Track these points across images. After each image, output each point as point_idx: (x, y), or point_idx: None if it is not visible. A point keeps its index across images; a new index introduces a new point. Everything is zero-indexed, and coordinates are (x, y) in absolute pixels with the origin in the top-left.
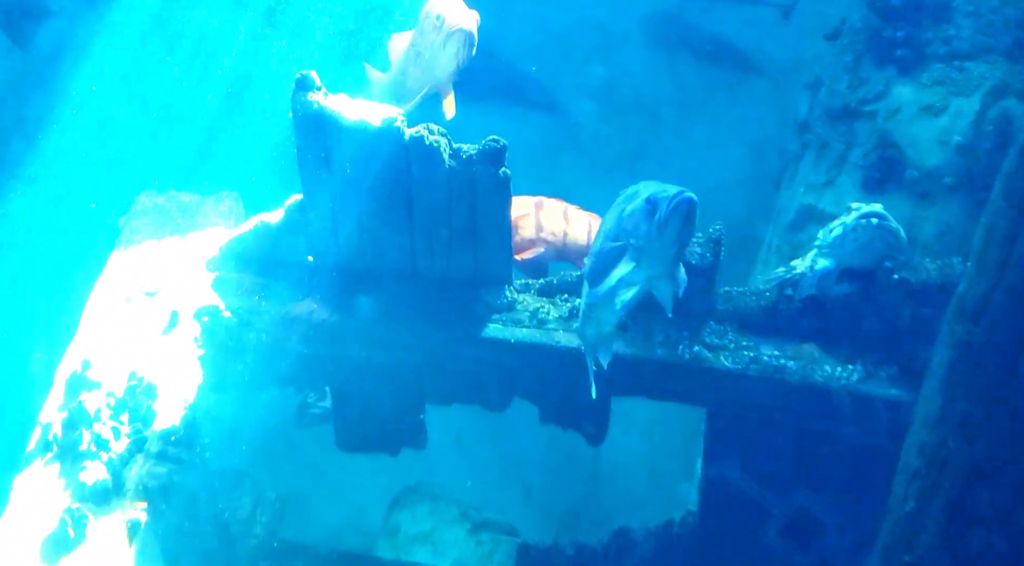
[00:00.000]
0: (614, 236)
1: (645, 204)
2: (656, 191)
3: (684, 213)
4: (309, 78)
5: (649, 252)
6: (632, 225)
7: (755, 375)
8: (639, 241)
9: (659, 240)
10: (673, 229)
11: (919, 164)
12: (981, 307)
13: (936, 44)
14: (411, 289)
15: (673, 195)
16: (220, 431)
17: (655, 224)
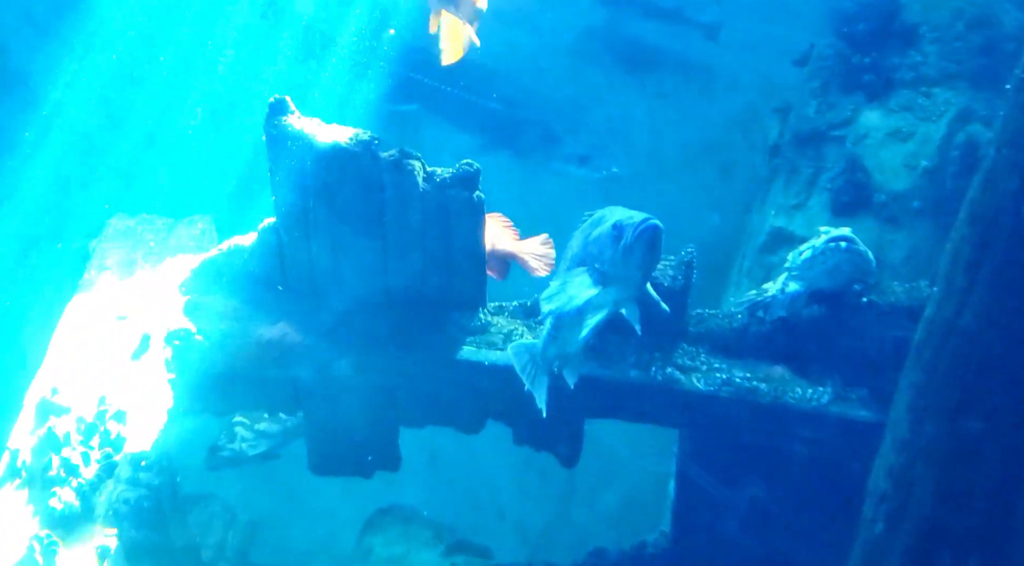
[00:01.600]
0: (580, 260)
1: (611, 230)
2: (622, 218)
3: (649, 240)
4: (283, 102)
5: (615, 277)
6: (598, 250)
7: (727, 397)
8: (605, 266)
9: (624, 265)
10: (638, 255)
11: (887, 188)
12: (948, 331)
13: (903, 70)
14: (385, 311)
15: (639, 222)
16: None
17: (620, 250)
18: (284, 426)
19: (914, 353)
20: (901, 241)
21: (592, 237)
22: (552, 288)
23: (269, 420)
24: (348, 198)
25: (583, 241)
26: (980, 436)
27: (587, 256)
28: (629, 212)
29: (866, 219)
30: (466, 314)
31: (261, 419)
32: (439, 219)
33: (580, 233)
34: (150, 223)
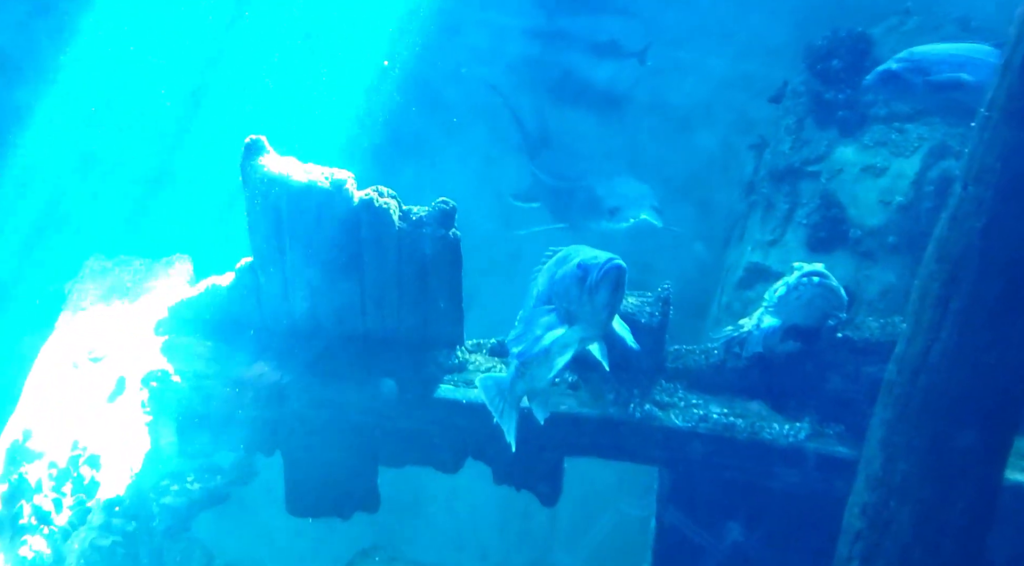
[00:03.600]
0: (546, 298)
1: (576, 270)
2: (587, 257)
3: (614, 279)
4: (259, 142)
5: (581, 315)
6: (563, 289)
7: (705, 433)
8: (571, 305)
9: (590, 304)
10: (603, 295)
11: (862, 223)
12: (918, 367)
13: (876, 106)
14: (362, 350)
15: (603, 262)
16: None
17: (586, 289)
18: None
19: (885, 390)
20: (877, 276)
21: (557, 276)
22: (518, 328)
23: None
24: (324, 237)
25: (548, 279)
26: (952, 473)
27: (553, 294)
28: (594, 251)
29: (842, 254)
30: (444, 352)
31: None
32: (416, 257)
33: (545, 271)
34: (127, 263)
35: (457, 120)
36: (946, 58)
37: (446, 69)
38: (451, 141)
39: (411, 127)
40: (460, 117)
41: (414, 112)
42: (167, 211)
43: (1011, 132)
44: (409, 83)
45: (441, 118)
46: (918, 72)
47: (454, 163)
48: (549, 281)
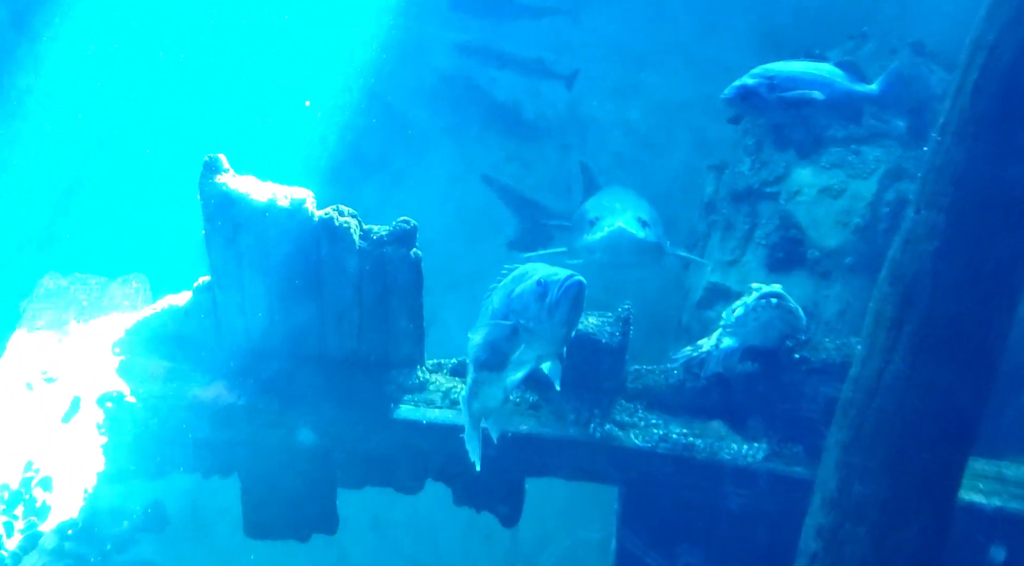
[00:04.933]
0: (503, 315)
1: (536, 286)
2: (546, 274)
3: (573, 296)
4: (217, 160)
5: (538, 333)
6: (522, 306)
7: (664, 453)
8: (529, 322)
9: (549, 321)
10: (563, 311)
11: (820, 244)
12: (872, 389)
13: (833, 128)
14: (321, 371)
15: (563, 279)
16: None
17: (545, 306)
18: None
19: (840, 411)
20: (835, 296)
21: (515, 293)
22: (473, 345)
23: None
24: (283, 256)
25: (504, 297)
26: (907, 495)
27: (509, 312)
28: (551, 269)
29: (800, 275)
30: (404, 372)
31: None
32: (376, 277)
33: (501, 289)
34: (83, 282)
35: (420, 138)
36: (796, 76)
37: (409, 87)
38: (414, 159)
39: (374, 145)
40: (423, 135)
41: (376, 130)
42: (124, 229)
43: (962, 156)
44: (371, 102)
45: (404, 136)
46: (772, 88)
47: (417, 181)
48: (506, 298)
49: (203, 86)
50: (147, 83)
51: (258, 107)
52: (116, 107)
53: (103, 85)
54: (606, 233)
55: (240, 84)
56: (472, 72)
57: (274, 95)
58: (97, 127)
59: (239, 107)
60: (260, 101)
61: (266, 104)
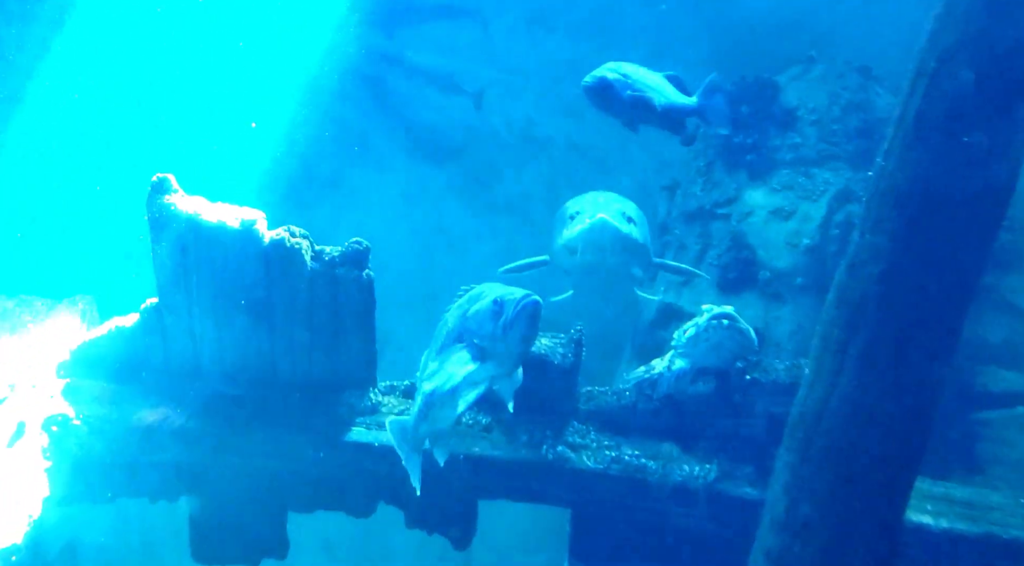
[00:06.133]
0: (457, 336)
1: (492, 305)
2: (502, 293)
3: (530, 315)
4: (165, 180)
5: (493, 352)
6: (477, 325)
7: (616, 474)
8: (484, 341)
9: (504, 340)
10: (519, 330)
11: (771, 265)
12: (819, 412)
13: (784, 151)
14: (271, 393)
15: (519, 298)
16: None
17: (501, 325)
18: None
19: (788, 434)
20: (786, 317)
21: (471, 313)
22: (431, 367)
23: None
24: (233, 278)
25: (459, 316)
26: (854, 517)
27: (464, 332)
28: (507, 288)
29: (752, 295)
30: (356, 394)
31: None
32: (328, 298)
33: (456, 309)
34: (28, 303)
35: (374, 156)
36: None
37: (364, 104)
38: (370, 178)
39: (329, 164)
40: (377, 152)
41: (330, 148)
42: (71, 250)
43: (906, 182)
44: (327, 119)
45: (360, 155)
46: (625, 86)
47: (372, 200)
48: (461, 318)
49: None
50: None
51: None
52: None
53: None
54: (587, 226)
55: (191, 102)
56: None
57: (226, 113)
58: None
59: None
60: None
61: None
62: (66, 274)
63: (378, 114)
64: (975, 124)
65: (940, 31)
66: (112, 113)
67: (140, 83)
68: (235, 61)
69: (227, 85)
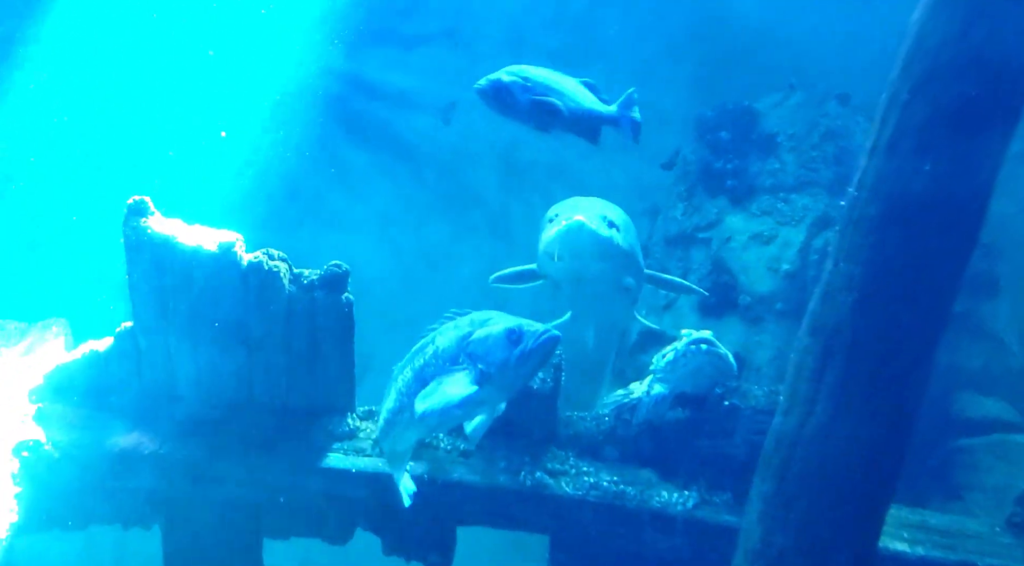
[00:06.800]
0: (453, 358)
1: (507, 332)
2: (519, 323)
3: (550, 350)
4: (142, 203)
5: (498, 379)
6: (484, 351)
7: (595, 501)
8: (491, 368)
9: (515, 370)
10: (534, 362)
11: (751, 290)
12: (794, 441)
13: (763, 176)
14: (248, 418)
15: (541, 331)
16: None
17: (516, 355)
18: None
19: (763, 463)
20: (766, 342)
21: (476, 337)
22: (428, 387)
23: None
24: (210, 301)
25: (458, 339)
26: (827, 547)
27: (464, 354)
28: (514, 318)
29: (733, 320)
30: (334, 419)
31: None
32: (306, 322)
33: (451, 331)
34: (1, 327)
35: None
36: (549, 84)
37: (345, 127)
38: (351, 201)
39: (310, 186)
40: (360, 176)
41: (312, 170)
42: (45, 273)
43: (878, 211)
44: (307, 141)
45: (340, 177)
46: (525, 90)
47: (353, 223)
48: (459, 341)
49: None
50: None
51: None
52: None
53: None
54: (563, 228)
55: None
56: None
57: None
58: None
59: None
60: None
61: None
62: (40, 297)
63: (359, 136)
64: (947, 154)
65: (912, 62)
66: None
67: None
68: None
69: (204, 107)
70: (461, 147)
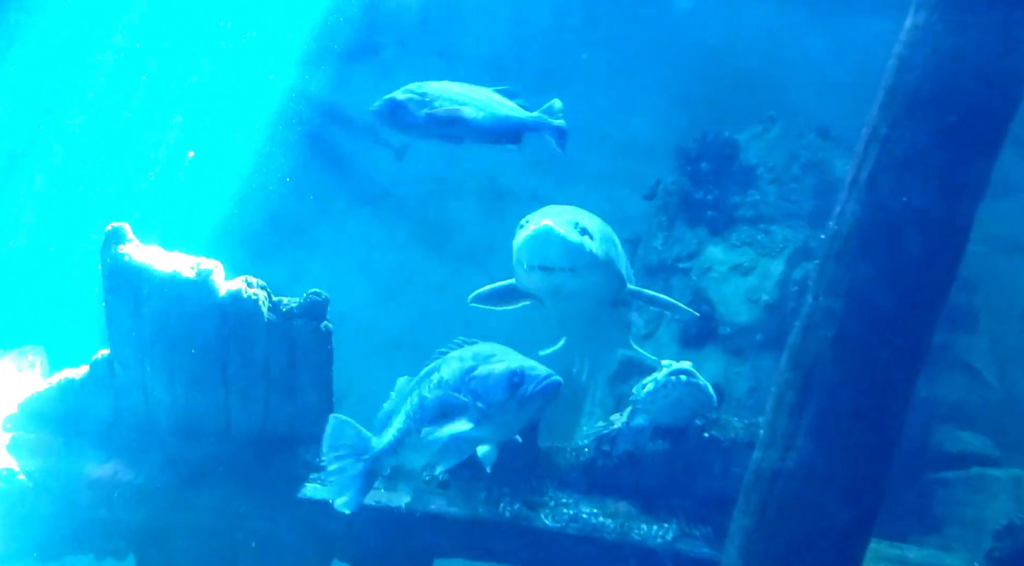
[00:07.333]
0: (454, 390)
1: (509, 374)
2: (522, 365)
3: (551, 396)
4: (120, 230)
5: (495, 419)
6: (484, 389)
7: (574, 533)
8: (491, 408)
9: (515, 412)
10: (534, 407)
11: (731, 321)
12: (774, 475)
13: (744, 208)
14: (225, 448)
15: (543, 376)
16: None
17: (517, 397)
18: None
19: (744, 496)
20: (746, 373)
21: (478, 373)
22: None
23: None
24: (188, 329)
25: (461, 372)
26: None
27: (466, 390)
28: (521, 357)
29: (713, 351)
30: (312, 449)
31: None
32: (285, 350)
33: (456, 362)
34: None
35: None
36: (448, 94)
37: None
38: (331, 228)
39: (290, 213)
40: (341, 204)
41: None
42: (21, 300)
43: (858, 245)
44: (287, 169)
45: (320, 205)
46: (422, 105)
47: (333, 251)
48: (463, 374)
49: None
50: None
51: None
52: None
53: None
54: (530, 233)
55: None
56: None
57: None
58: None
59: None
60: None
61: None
62: (16, 324)
63: (339, 164)
64: (926, 189)
65: (891, 98)
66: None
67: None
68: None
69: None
70: (442, 175)
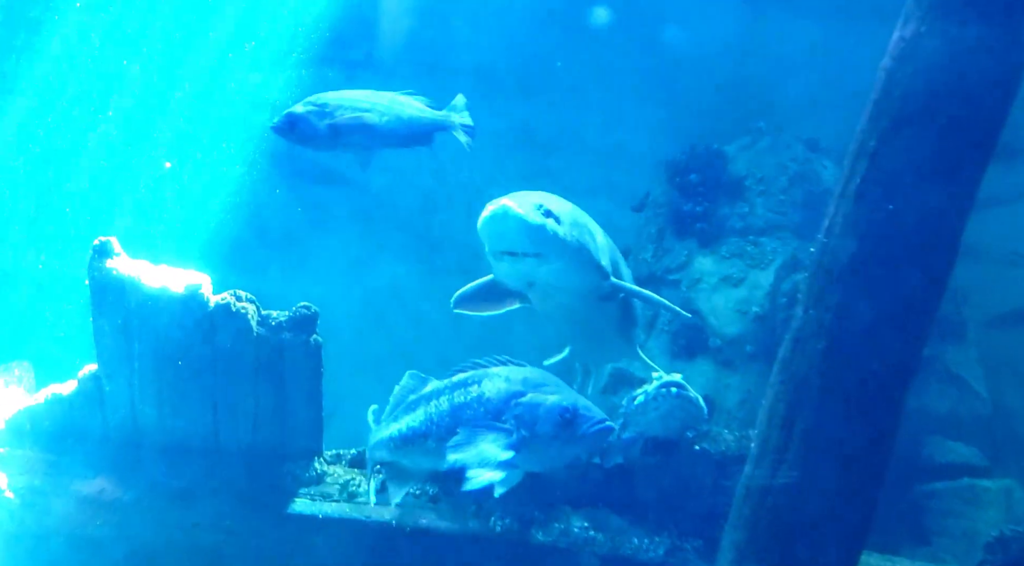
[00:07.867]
0: (496, 413)
1: (562, 409)
2: (575, 402)
3: (600, 441)
4: (107, 244)
5: (537, 452)
6: (532, 419)
7: (565, 548)
8: (535, 440)
9: (558, 449)
10: (581, 448)
11: (721, 332)
12: (765, 489)
13: (733, 219)
14: (213, 463)
15: (598, 419)
16: None
17: (567, 435)
18: None
19: (735, 510)
20: (736, 385)
21: (527, 401)
22: (461, 436)
23: None
24: (176, 344)
25: (507, 394)
26: None
27: (514, 417)
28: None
29: (703, 363)
30: (301, 464)
31: None
32: (274, 364)
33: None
34: None
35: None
36: (349, 102)
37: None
38: (320, 241)
39: (278, 226)
40: (330, 216)
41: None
42: (9, 315)
43: (847, 258)
44: (276, 181)
45: (309, 217)
46: (323, 116)
47: (322, 264)
48: (508, 396)
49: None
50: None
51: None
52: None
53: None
54: (488, 214)
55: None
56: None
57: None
58: None
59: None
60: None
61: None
62: (3, 340)
63: (328, 176)
64: (915, 202)
65: (880, 111)
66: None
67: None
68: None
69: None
70: (431, 187)
